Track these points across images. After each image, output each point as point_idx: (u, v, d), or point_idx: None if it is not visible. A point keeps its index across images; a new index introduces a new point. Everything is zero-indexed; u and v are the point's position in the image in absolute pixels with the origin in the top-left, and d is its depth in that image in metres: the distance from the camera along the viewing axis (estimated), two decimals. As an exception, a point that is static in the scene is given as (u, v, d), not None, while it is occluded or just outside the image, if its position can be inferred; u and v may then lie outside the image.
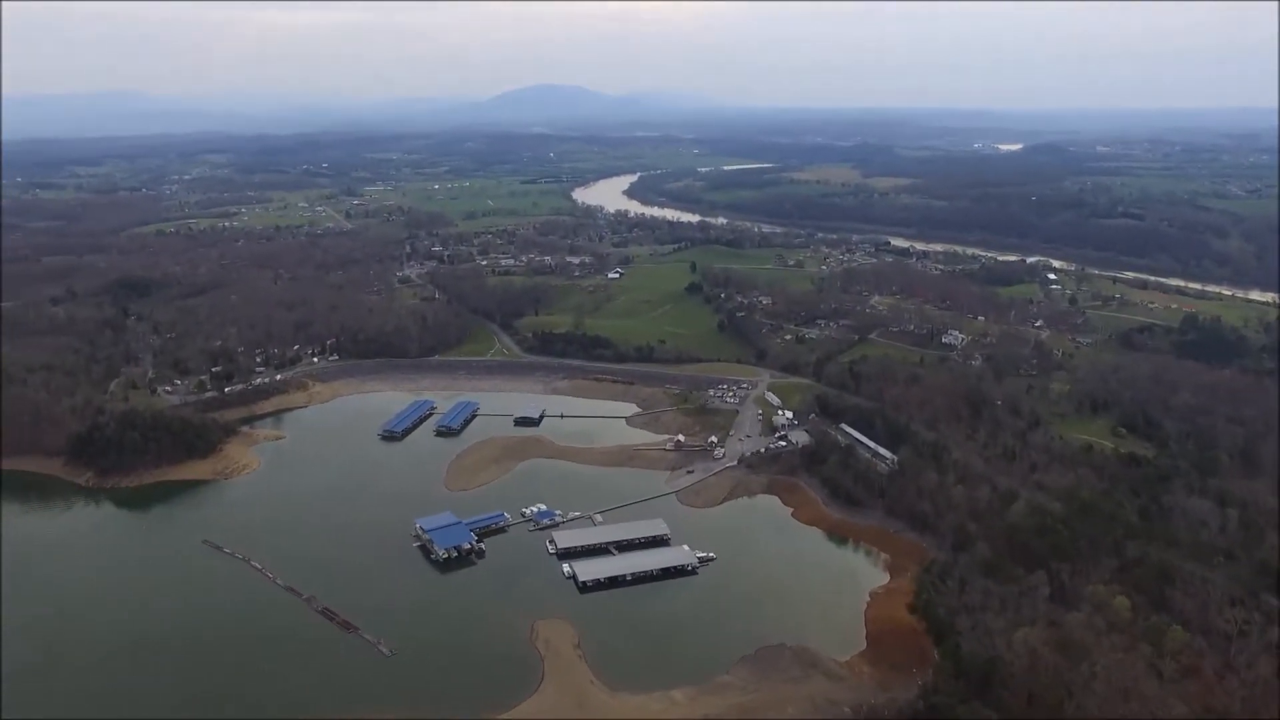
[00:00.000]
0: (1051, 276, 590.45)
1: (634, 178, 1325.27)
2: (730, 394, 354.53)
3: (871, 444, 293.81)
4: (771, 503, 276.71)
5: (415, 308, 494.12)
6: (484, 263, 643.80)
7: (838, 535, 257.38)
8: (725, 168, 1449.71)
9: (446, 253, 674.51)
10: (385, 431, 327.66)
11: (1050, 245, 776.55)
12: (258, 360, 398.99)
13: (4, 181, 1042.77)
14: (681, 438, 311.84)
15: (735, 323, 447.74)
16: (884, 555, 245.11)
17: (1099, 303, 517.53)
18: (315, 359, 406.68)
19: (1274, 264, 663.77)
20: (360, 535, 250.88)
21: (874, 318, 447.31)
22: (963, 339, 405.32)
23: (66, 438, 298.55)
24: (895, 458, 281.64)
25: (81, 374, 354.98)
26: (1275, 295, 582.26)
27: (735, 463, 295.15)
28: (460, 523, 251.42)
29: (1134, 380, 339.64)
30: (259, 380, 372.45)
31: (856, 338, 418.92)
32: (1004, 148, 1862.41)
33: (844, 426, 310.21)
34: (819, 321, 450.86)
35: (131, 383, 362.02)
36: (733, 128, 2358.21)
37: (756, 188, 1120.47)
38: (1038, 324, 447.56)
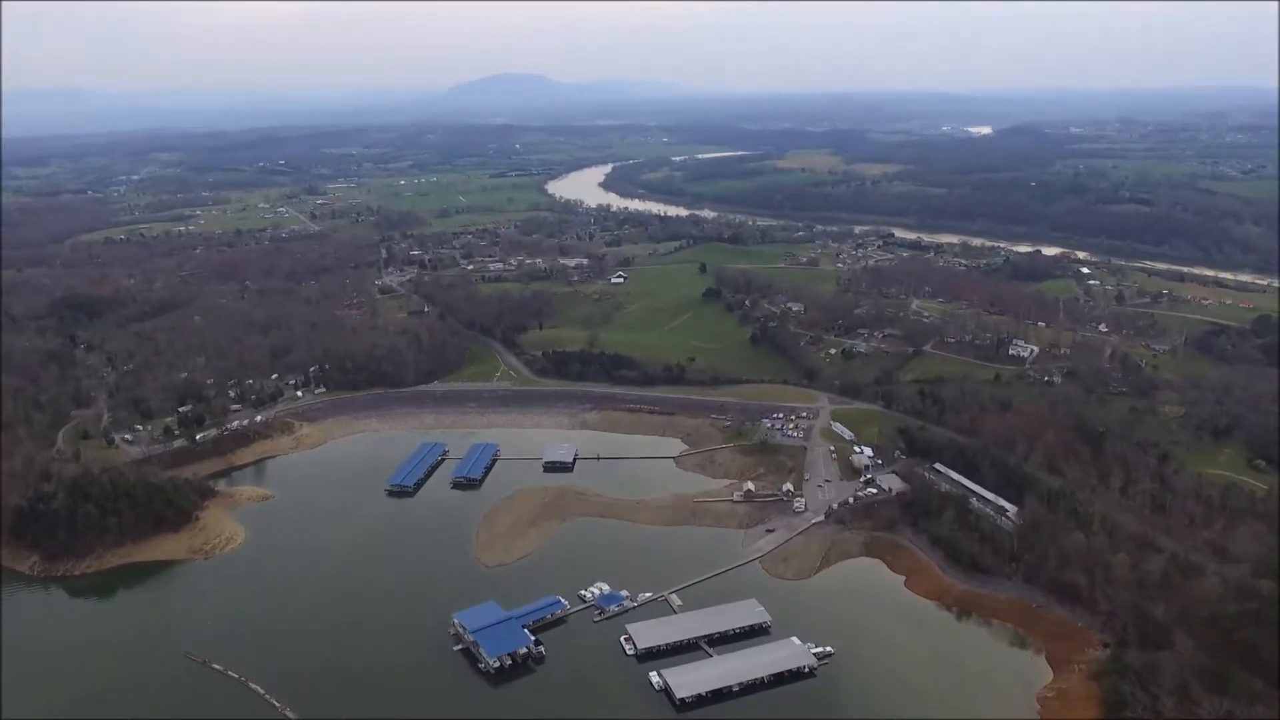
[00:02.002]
0: (1085, 271, 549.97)
1: (607, 169, 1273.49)
2: (790, 425, 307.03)
3: (982, 491, 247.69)
4: (876, 569, 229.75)
5: (405, 324, 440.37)
6: (470, 267, 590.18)
7: (968, 612, 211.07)
8: (700, 156, 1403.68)
9: (427, 257, 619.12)
10: (393, 486, 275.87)
11: (1061, 234, 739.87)
12: (232, 396, 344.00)
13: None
14: (751, 486, 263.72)
15: (769, 334, 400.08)
16: (1036, 640, 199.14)
17: (1147, 299, 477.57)
18: (299, 392, 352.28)
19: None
20: (385, 636, 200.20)
21: (923, 326, 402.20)
22: (1032, 350, 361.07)
23: (4, 512, 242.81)
24: (1015, 509, 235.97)
25: (21, 425, 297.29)
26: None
27: (822, 517, 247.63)
28: (510, 616, 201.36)
29: (1252, 399, 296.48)
30: (235, 422, 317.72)
31: (911, 350, 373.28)
32: (974, 130, 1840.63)
33: (939, 468, 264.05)
34: (861, 331, 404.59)
35: (83, 431, 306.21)
36: (698, 115, 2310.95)
37: (741, 178, 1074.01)
38: (1100, 328, 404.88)
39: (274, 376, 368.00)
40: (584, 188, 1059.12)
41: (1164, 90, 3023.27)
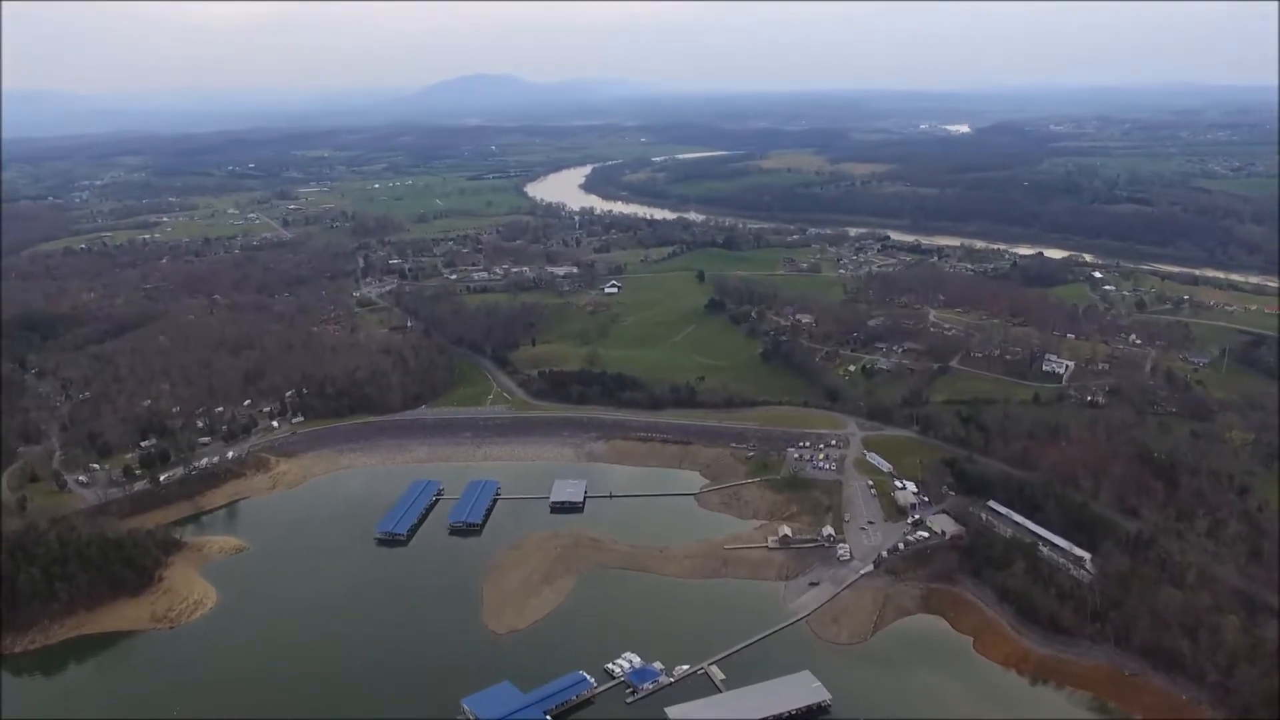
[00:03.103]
0: (1098, 275, 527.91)
1: (587, 170, 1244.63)
2: (820, 455, 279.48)
3: (1049, 535, 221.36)
4: (939, 629, 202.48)
5: (388, 342, 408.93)
6: (453, 277, 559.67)
7: (1050, 680, 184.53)
8: (680, 156, 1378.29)
9: (407, 265, 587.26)
10: (384, 534, 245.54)
11: (1060, 234, 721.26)
12: (200, 427, 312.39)
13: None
14: (787, 530, 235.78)
15: (781, 350, 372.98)
16: (1134, 715, 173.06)
17: (1169, 306, 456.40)
18: (274, 422, 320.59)
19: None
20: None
21: (946, 339, 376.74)
22: (1067, 366, 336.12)
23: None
24: (1090, 557, 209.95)
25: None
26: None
27: (871, 567, 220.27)
28: (530, 702, 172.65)
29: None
30: (205, 460, 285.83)
31: (936, 367, 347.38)
32: (952, 128, 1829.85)
33: (995, 507, 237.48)
34: (879, 345, 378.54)
35: (30, 473, 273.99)
36: (674, 114, 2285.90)
37: (726, 179, 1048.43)
38: (1132, 339, 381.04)
39: (247, 404, 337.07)
40: (565, 190, 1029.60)
41: (1136, 87, 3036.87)
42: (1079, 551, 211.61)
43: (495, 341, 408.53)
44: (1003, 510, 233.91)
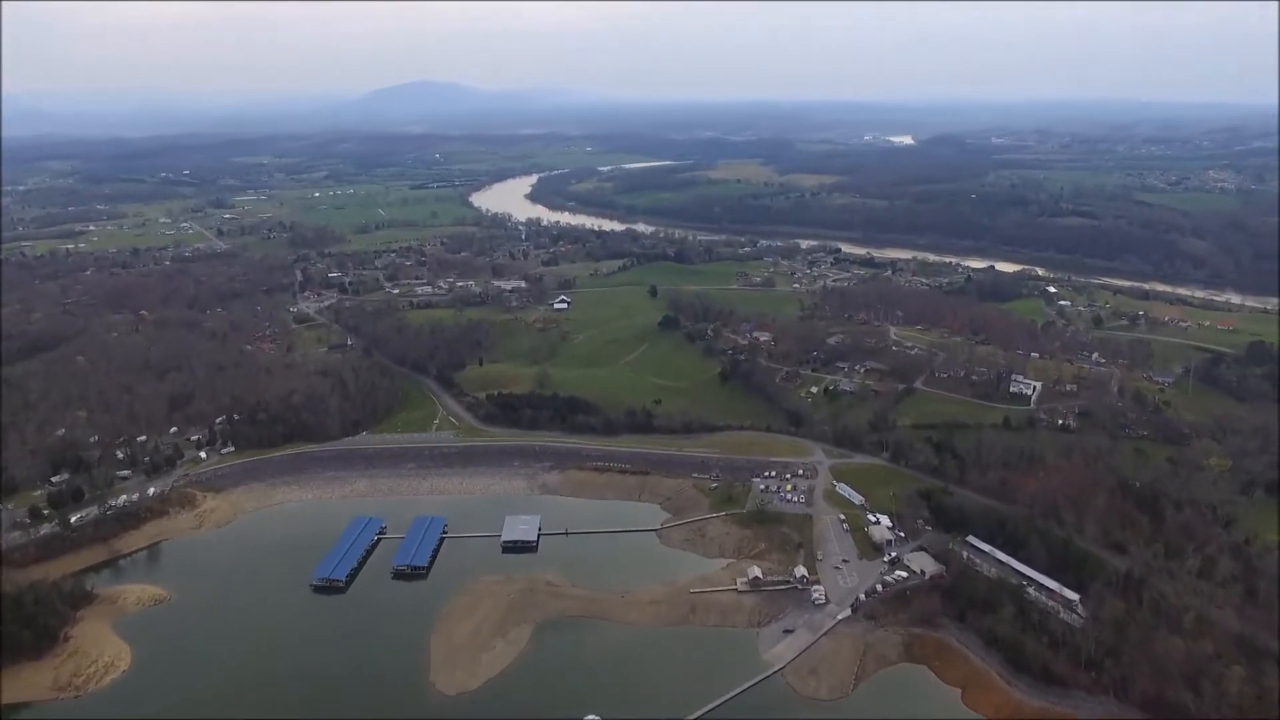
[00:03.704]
0: (1052, 290, 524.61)
1: (532, 179, 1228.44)
2: (787, 485, 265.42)
3: (1034, 574, 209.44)
4: (924, 681, 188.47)
5: (326, 362, 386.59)
6: (396, 291, 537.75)
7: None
8: (627, 166, 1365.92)
9: (348, 279, 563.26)
10: (321, 580, 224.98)
11: (1009, 247, 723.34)
12: (120, 459, 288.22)
13: None
14: (758, 571, 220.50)
15: (740, 371, 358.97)
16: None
17: (1125, 322, 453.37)
18: (202, 453, 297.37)
19: (1247, 264, 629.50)
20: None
21: (909, 358, 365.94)
22: (1035, 387, 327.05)
23: None
24: (1079, 598, 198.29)
25: None
26: (1275, 302, 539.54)
27: (849, 611, 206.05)
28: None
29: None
30: (123, 497, 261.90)
31: (901, 388, 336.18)
32: (895, 140, 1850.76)
33: (975, 542, 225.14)
34: (840, 365, 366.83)
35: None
36: (619, 123, 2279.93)
37: (675, 189, 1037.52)
38: (1095, 357, 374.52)
39: (173, 431, 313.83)
40: (510, 200, 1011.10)
41: (1069, 101, 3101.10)
42: (1069, 593, 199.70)
43: (440, 361, 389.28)
44: (984, 547, 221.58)
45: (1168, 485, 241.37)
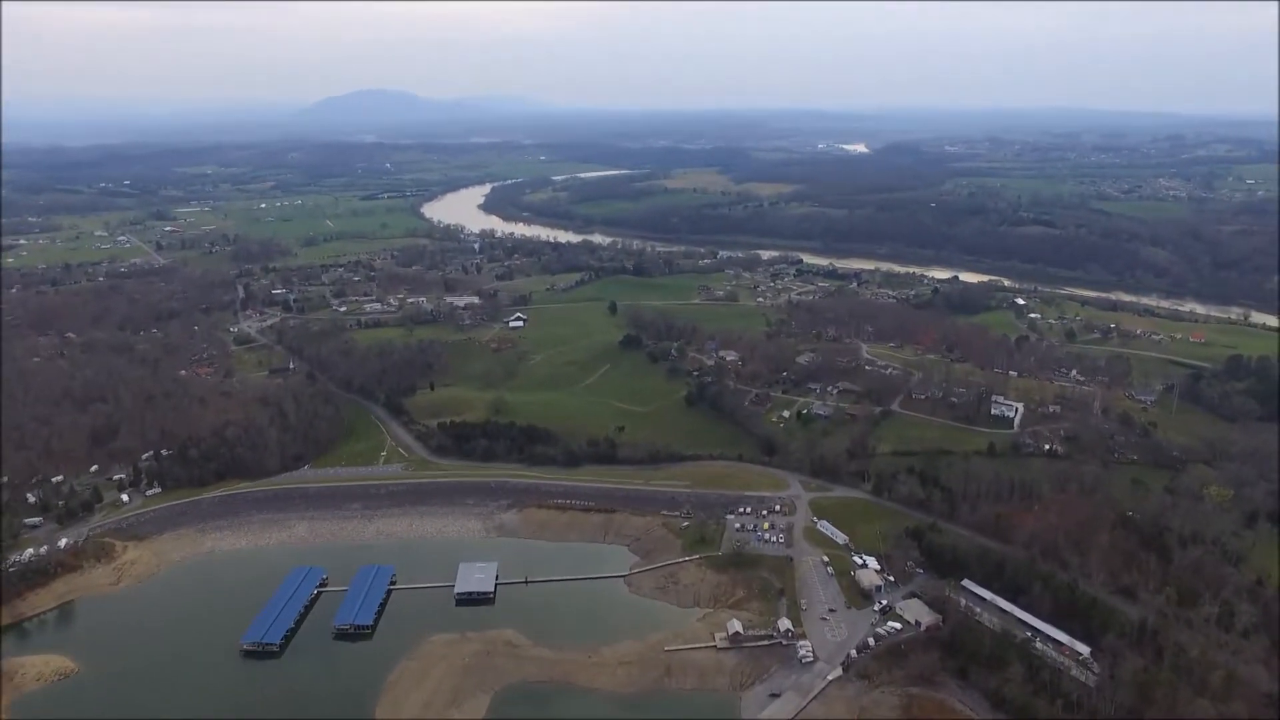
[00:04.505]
0: (1021, 302, 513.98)
1: (486, 189, 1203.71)
2: (765, 523, 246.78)
3: (1039, 623, 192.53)
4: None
5: (266, 389, 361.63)
6: (343, 309, 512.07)
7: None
8: (582, 175, 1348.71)
9: (292, 296, 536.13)
10: (253, 643, 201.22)
11: (971, 257, 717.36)
12: (31, 503, 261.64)
13: None
14: (738, 626, 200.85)
15: (707, 394, 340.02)
16: None
17: (1097, 335, 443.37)
18: (124, 495, 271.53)
19: (1207, 273, 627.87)
20: None
21: (883, 378, 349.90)
22: (1017, 409, 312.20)
23: None
24: (1089, 652, 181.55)
25: None
26: (1238, 312, 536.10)
27: (839, 670, 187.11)
28: None
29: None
30: (30, 550, 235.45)
31: (878, 411, 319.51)
32: (849, 148, 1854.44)
33: (971, 587, 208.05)
34: (812, 386, 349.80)
35: None
36: (573, 132, 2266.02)
37: (631, 199, 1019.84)
38: (1074, 374, 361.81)
39: (93, 470, 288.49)
40: (463, 210, 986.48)
41: (1017, 110, 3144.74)
42: (1080, 646, 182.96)
43: (389, 386, 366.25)
44: (982, 593, 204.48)
45: (1171, 519, 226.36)
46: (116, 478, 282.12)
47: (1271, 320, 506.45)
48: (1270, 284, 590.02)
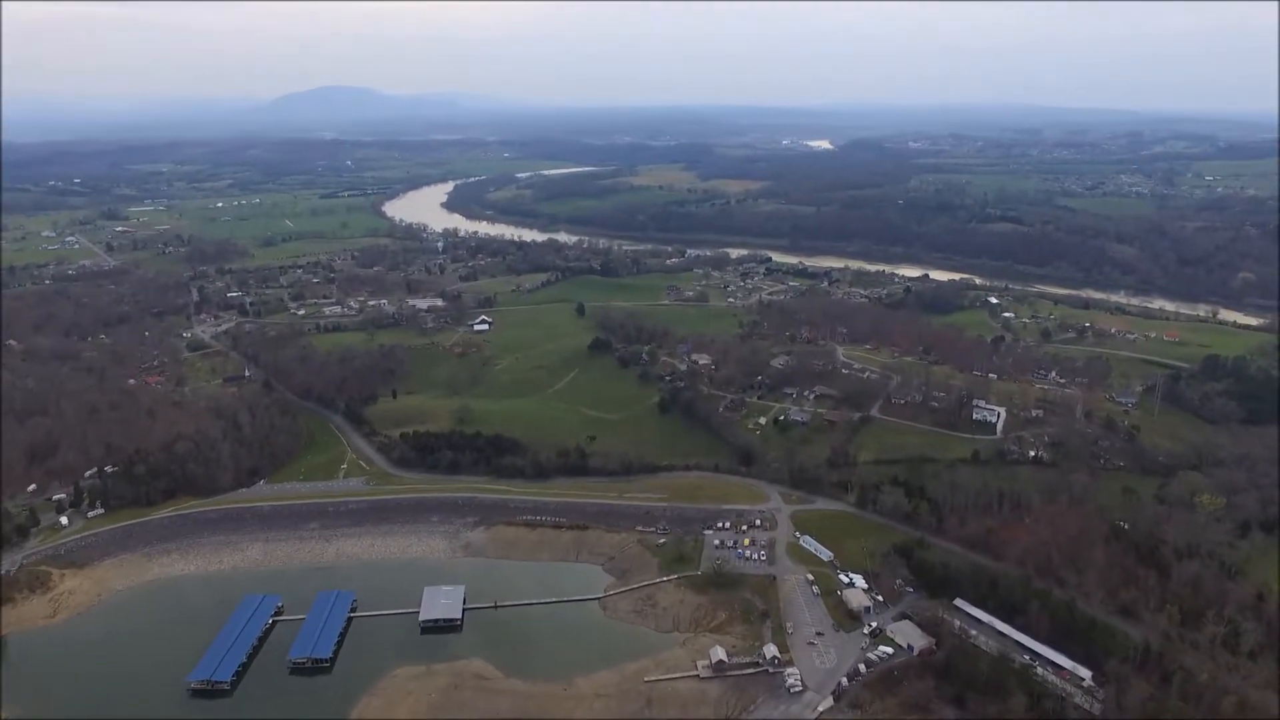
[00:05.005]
0: (994, 301, 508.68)
1: (448, 187, 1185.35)
2: (745, 539, 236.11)
3: (1036, 646, 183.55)
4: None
5: (220, 399, 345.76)
6: (302, 313, 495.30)
7: None
8: (546, 172, 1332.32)
9: (249, 300, 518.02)
10: (199, 682, 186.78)
11: (940, 254, 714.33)
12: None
13: None
14: (721, 653, 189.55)
15: (681, 400, 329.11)
16: None
17: (1072, 335, 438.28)
18: (63, 518, 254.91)
19: (1173, 270, 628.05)
20: None
21: (861, 382, 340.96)
22: (999, 414, 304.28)
23: None
24: (1090, 677, 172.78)
25: None
26: (1206, 309, 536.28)
27: (830, 700, 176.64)
28: None
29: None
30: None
31: (857, 417, 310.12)
32: (813, 144, 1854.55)
33: (963, 606, 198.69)
34: (788, 390, 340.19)
35: None
36: (536, 128, 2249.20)
37: (597, 196, 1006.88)
38: (1054, 376, 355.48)
39: (30, 490, 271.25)
40: (425, 209, 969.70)
41: (978, 106, 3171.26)
42: (1081, 671, 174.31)
43: (349, 394, 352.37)
44: (976, 613, 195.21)
45: (1165, 531, 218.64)
46: (56, 498, 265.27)
47: (1241, 318, 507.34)
48: (1234, 281, 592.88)
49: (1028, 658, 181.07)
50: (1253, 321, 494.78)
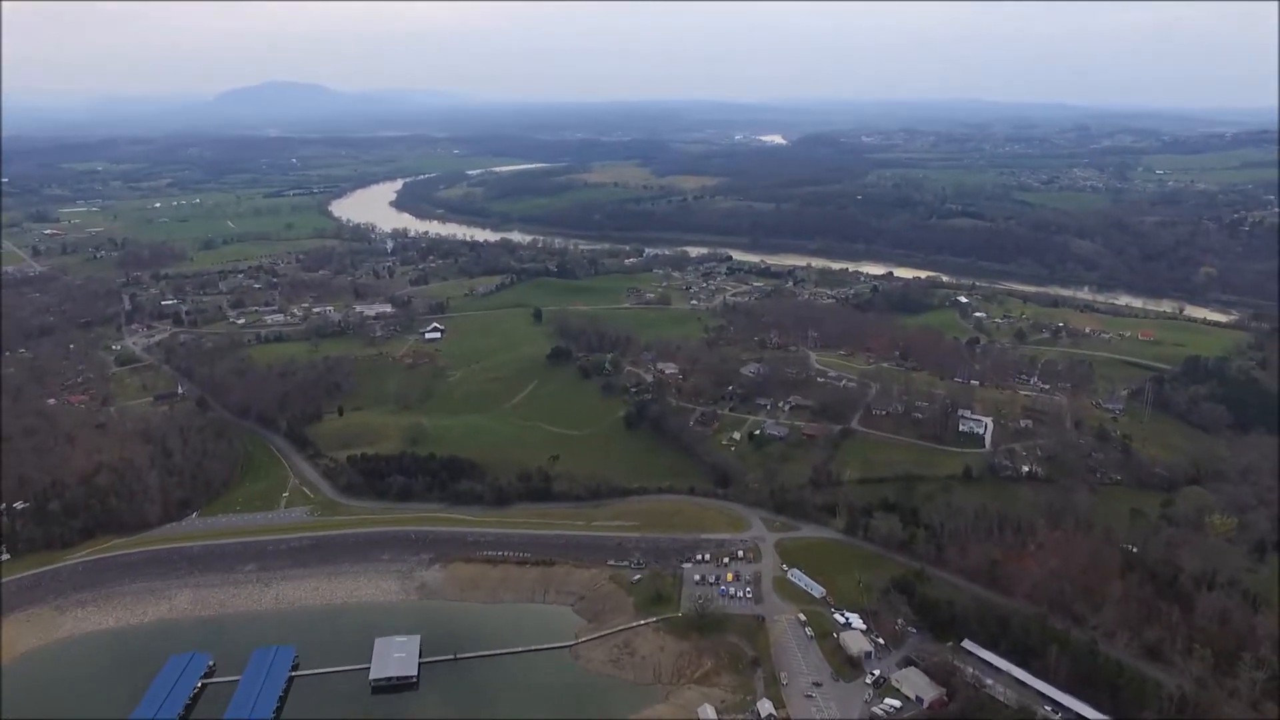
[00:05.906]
0: (964, 300, 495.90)
1: (397, 185, 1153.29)
2: (728, 574, 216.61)
3: (1059, 696, 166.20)
4: None
5: (149, 420, 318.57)
6: (241, 321, 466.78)
7: None
8: (497, 170, 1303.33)
9: (185, 308, 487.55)
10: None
11: (902, 251, 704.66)
12: None
13: None
14: (710, 710, 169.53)
15: (648, 414, 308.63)
16: None
17: (1046, 335, 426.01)
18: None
19: (1136, 265, 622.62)
20: None
21: (837, 392, 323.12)
22: (986, 425, 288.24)
23: None
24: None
25: None
26: (1171, 305, 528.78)
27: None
28: None
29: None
30: None
31: (837, 430, 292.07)
32: (766, 139, 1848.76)
33: (973, 649, 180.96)
34: (761, 401, 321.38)
35: None
36: (486, 125, 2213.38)
37: (550, 194, 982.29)
38: (1036, 381, 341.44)
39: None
40: (374, 208, 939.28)
41: (926, 102, 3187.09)
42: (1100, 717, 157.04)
43: (292, 412, 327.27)
44: (988, 657, 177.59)
45: (1180, 557, 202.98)
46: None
47: (1209, 314, 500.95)
48: (1197, 276, 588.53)
49: (1049, 708, 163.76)
50: (1220, 318, 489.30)
